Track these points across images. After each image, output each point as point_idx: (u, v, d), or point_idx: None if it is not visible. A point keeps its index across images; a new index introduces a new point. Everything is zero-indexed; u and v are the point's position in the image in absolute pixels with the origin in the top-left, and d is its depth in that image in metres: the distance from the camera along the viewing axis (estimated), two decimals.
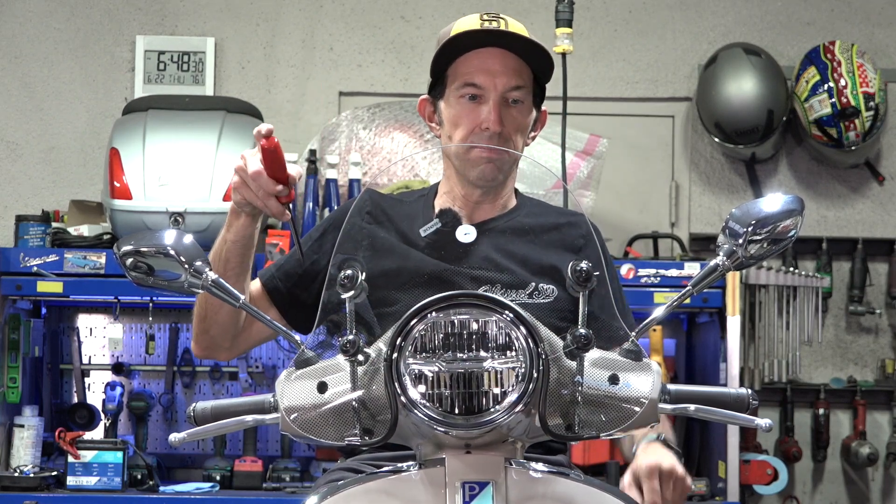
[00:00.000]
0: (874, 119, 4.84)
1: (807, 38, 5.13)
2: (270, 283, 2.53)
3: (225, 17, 5.11)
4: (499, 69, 2.41)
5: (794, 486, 5.03)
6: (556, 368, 1.84)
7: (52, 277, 4.22)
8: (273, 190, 2.26)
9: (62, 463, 4.27)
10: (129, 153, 4.31)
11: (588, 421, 1.86)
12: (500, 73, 2.41)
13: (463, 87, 2.43)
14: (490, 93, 2.41)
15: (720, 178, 5.16)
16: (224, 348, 2.50)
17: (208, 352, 2.52)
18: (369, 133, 4.54)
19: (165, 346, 4.72)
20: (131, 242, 1.98)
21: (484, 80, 2.41)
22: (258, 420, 1.91)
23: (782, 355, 4.84)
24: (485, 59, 2.42)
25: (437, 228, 2.38)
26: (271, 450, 4.69)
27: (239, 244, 2.37)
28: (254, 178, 2.25)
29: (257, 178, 2.25)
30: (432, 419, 1.79)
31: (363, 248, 2.44)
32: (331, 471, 2.40)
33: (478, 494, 1.80)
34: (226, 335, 2.47)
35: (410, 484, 1.84)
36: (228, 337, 2.48)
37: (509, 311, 1.81)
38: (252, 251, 2.41)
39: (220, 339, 2.48)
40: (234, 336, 2.48)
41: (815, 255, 5.08)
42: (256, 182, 2.25)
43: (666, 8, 5.19)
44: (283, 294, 2.52)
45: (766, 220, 1.94)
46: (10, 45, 5.10)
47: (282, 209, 2.29)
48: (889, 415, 5.05)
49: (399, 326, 1.81)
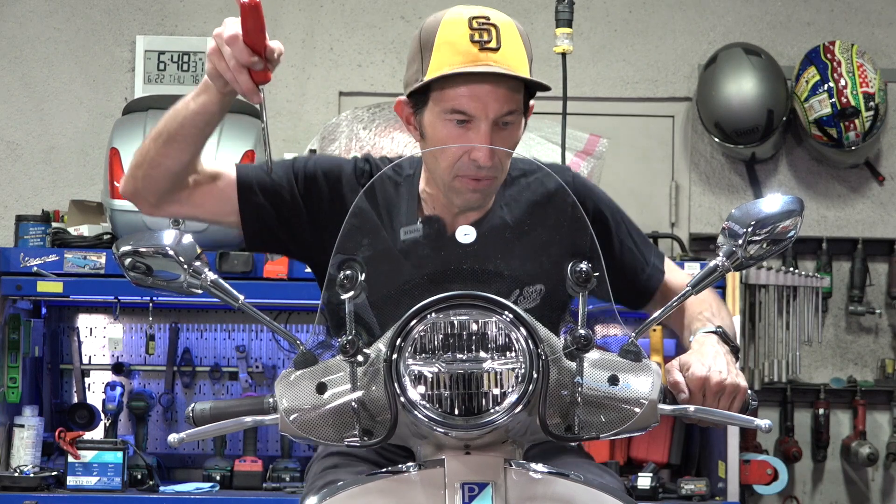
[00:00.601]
0: (874, 119, 4.84)
1: (807, 38, 5.13)
2: (243, 175, 2.37)
3: (225, 18, 5.09)
4: (490, 98, 2.18)
5: (794, 486, 5.03)
6: (555, 369, 1.83)
7: (52, 277, 4.22)
8: (247, 60, 2.05)
9: (62, 463, 4.27)
10: (129, 153, 4.30)
11: (588, 422, 1.86)
12: (491, 100, 2.18)
13: (450, 113, 2.20)
14: (481, 121, 2.20)
15: (720, 178, 5.16)
16: (149, 203, 2.33)
17: (131, 198, 2.34)
18: (369, 133, 4.54)
19: (165, 346, 4.72)
20: (130, 243, 1.98)
21: (474, 107, 2.18)
22: (257, 421, 1.91)
23: (782, 355, 4.84)
24: (474, 88, 2.18)
25: (418, 238, 2.21)
26: (271, 450, 4.69)
27: (200, 117, 2.21)
28: (228, 44, 2.05)
29: (232, 43, 2.04)
30: (432, 420, 1.79)
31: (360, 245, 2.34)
32: (318, 458, 2.34)
33: (477, 495, 1.80)
34: (154, 191, 2.30)
35: (410, 485, 1.84)
36: (155, 194, 2.31)
37: (509, 312, 1.81)
38: (212, 129, 2.25)
39: (146, 192, 2.31)
40: (163, 194, 2.31)
41: (815, 255, 5.08)
42: (231, 49, 2.05)
43: (666, 8, 5.19)
44: (252, 192, 2.36)
45: (766, 220, 1.94)
46: (10, 45, 5.10)
47: (253, 87, 2.08)
48: (889, 415, 5.05)
49: (399, 327, 1.81)
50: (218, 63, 2.08)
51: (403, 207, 2.32)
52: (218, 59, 2.08)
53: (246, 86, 2.08)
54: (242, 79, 2.07)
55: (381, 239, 2.25)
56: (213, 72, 2.11)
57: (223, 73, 2.08)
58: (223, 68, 2.08)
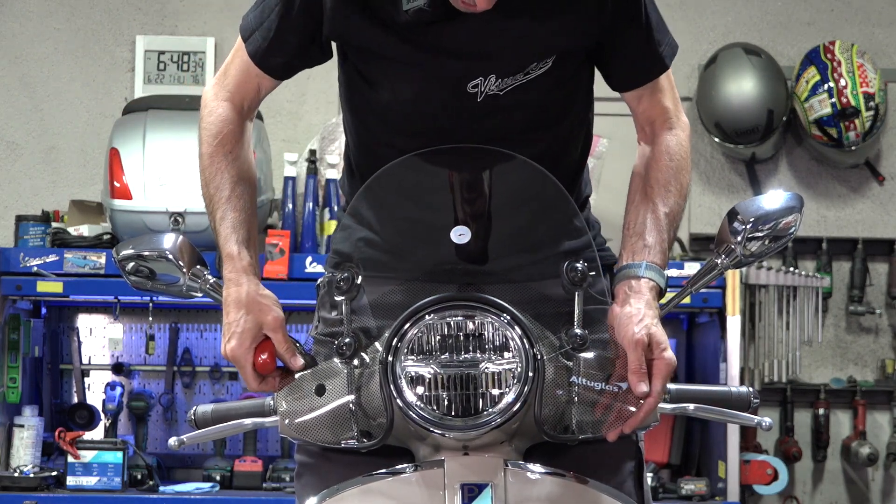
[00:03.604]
0: (874, 119, 4.84)
1: (807, 38, 5.13)
2: (264, 63, 2.14)
3: (225, 17, 5.10)
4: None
5: (794, 486, 5.03)
6: (552, 369, 1.83)
7: (52, 277, 4.23)
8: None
9: (62, 463, 4.27)
10: (129, 153, 4.31)
11: (585, 422, 1.85)
12: None
13: None
14: None
15: (720, 178, 5.16)
16: None
17: None
18: None
19: (165, 346, 4.72)
20: (129, 247, 1.98)
21: None
22: (257, 423, 1.91)
23: (782, 355, 4.84)
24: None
25: (421, 5, 1.96)
26: (271, 450, 4.69)
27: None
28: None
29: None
30: (429, 421, 1.79)
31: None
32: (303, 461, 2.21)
33: (476, 496, 1.80)
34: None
35: (409, 486, 1.84)
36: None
37: (506, 314, 1.81)
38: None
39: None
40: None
41: (815, 255, 5.08)
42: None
43: (666, 8, 5.13)
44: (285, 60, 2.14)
45: (767, 217, 1.93)
46: (10, 45, 5.10)
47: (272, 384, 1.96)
48: (889, 415, 5.05)
49: (395, 329, 1.81)
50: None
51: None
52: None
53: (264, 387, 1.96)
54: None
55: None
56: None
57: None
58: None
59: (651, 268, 1.98)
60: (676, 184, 2.09)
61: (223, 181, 2.05)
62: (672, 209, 2.06)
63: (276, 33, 2.06)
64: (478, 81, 2.01)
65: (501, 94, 2.02)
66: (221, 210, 2.03)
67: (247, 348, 1.89)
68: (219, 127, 2.09)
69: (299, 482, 2.07)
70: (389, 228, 2.04)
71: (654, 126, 2.15)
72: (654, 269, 1.98)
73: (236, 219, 2.02)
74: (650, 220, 2.04)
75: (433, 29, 1.97)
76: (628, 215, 2.09)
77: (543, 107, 2.08)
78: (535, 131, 2.08)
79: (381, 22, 1.99)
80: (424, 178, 1.99)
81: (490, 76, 2.01)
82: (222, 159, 2.07)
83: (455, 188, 2.00)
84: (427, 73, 2.01)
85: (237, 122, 2.11)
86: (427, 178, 1.99)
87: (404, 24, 1.96)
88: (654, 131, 2.15)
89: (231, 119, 2.10)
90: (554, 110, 2.10)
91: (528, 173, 1.95)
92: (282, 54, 2.09)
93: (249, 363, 1.89)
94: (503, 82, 2.02)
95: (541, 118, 2.09)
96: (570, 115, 2.14)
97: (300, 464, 2.07)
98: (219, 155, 2.07)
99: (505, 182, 1.99)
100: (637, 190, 2.11)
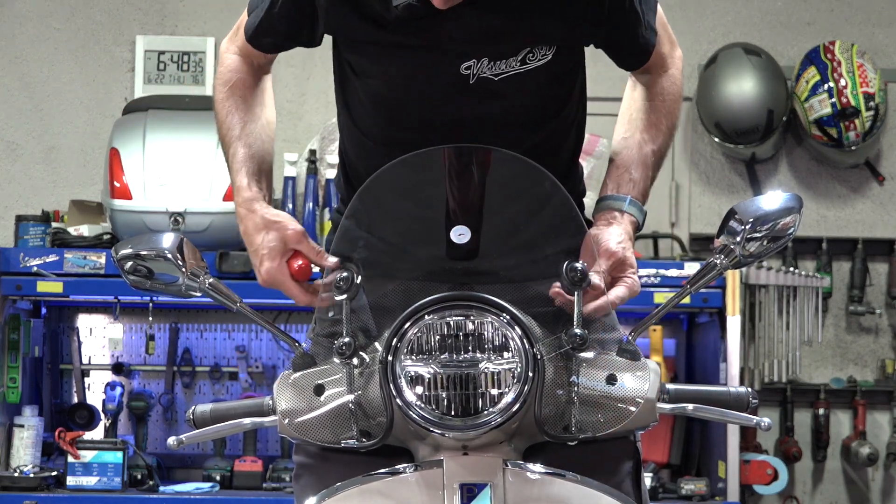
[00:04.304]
0: (874, 119, 4.84)
1: (807, 38, 5.13)
2: (255, 41, 2.22)
3: (225, 17, 5.10)
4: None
5: (794, 486, 5.03)
6: (552, 369, 1.83)
7: (52, 277, 4.23)
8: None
9: (62, 463, 4.27)
10: (129, 153, 4.31)
11: (585, 421, 1.86)
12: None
13: None
14: None
15: (720, 178, 5.16)
16: None
17: None
18: None
19: (165, 346, 4.72)
20: (128, 246, 1.98)
21: None
22: (256, 423, 1.91)
23: (782, 355, 4.84)
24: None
25: (410, 2, 1.98)
26: (271, 450, 4.69)
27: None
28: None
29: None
30: (428, 421, 1.79)
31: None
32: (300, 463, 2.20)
33: (476, 496, 1.80)
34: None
35: (408, 485, 1.84)
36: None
37: (506, 313, 1.81)
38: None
39: None
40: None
41: (815, 255, 5.08)
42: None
43: (666, 8, 5.14)
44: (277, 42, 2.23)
45: (766, 217, 1.93)
46: (10, 45, 5.10)
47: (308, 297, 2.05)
48: (889, 415, 5.05)
49: (394, 329, 1.81)
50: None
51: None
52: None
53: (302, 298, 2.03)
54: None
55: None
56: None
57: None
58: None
59: (634, 203, 2.13)
60: (667, 122, 2.25)
61: (234, 121, 2.21)
62: (660, 147, 2.21)
63: (265, 17, 2.16)
64: (471, 63, 2.04)
65: (496, 80, 2.05)
66: (233, 147, 2.18)
67: (280, 264, 1.99)
68: (228, 76, 2.23)
69: (298, 483, 2.07)
70: (388, 229, 2.04)
71: (651, 70, 2.29)
72: (637, 206, 2.14)
73: (246, 154, 2.17)
74: (638, 155, 2.19)
75: (424, 21, 2.00)
76: (616, 146, 2.22)
77: (538, 100, 2.11)
78: (528, 125, 2.11)
79: (373, 18, 2.03)
80: (423, 177, 1.99)
81: (483, 59, 2.04)
82: (233, 103, 2.22)
83: (454, 188, 2.00)
84: (419, 57, 2.04)
85: (247, 71, 2.24)
86: (425, 177, 1.99)
87: (395, 18, 2.00)
88: (650, 74, 2.30)
89: (240, 69, 2.23)
90: (549, 106, 2.14)
91: (528, 172, 1.95)
92: (271, 35, 2.19)
93: (288, 277, 2.00)
94: (496, 66, 2.05)
95: (535, 113, 2.12)
96: (564, 111, 2.18)
97: (299, 464, 2.08)
98: (230, 99, 2.22)
99: (504, 181, 1.99)
100: (627, 122, 2.27)
